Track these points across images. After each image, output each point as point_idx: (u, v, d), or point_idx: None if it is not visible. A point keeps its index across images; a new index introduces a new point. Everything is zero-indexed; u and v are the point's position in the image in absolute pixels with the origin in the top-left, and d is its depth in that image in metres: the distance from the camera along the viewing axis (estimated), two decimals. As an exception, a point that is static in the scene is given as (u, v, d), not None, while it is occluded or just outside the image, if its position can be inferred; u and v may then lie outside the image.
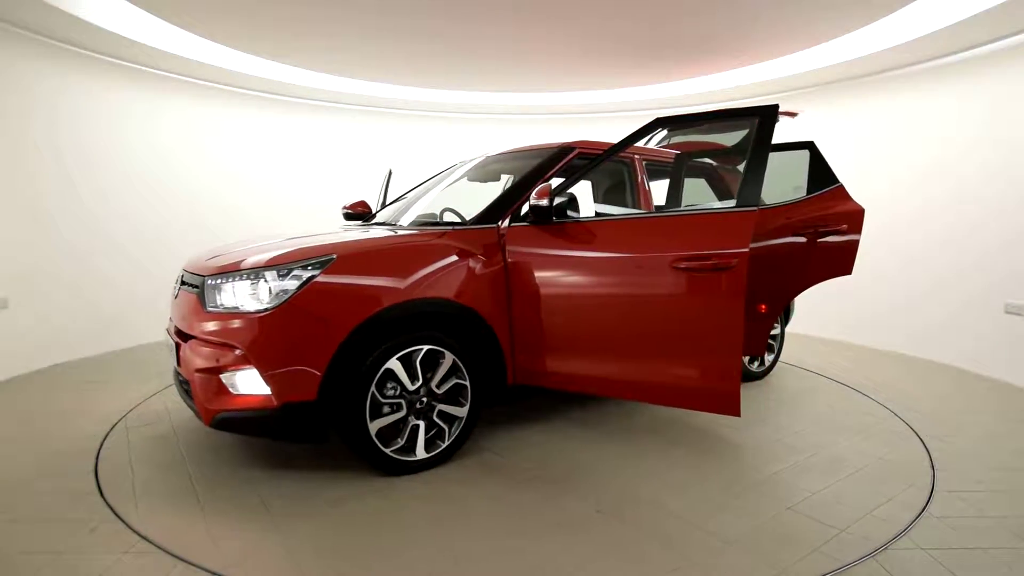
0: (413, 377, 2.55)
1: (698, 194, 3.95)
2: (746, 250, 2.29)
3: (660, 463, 2.76)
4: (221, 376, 2.33)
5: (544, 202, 2.63)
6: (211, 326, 2.39)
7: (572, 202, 3.45)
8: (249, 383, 2.31)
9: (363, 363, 2.40)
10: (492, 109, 7.32)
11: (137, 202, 5.38)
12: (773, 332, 4.25)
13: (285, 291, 2.30)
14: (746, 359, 4.03)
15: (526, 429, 3.20)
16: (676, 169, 3.46)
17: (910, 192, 5.25)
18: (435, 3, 4.11)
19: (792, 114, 3.82)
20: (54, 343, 4.58)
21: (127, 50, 4.96)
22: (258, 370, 2.27)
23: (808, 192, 3.67)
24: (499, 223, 2.83)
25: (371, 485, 2.50)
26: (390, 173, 4.46)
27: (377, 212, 3.90)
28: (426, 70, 5.98)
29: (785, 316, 4.44)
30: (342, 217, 3.95)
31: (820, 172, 3.67)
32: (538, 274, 2.73)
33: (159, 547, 2.02)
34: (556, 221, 2.69)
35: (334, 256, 2.41)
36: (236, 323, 2.33)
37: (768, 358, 4.28)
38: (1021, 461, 2.84)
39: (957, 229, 4.86)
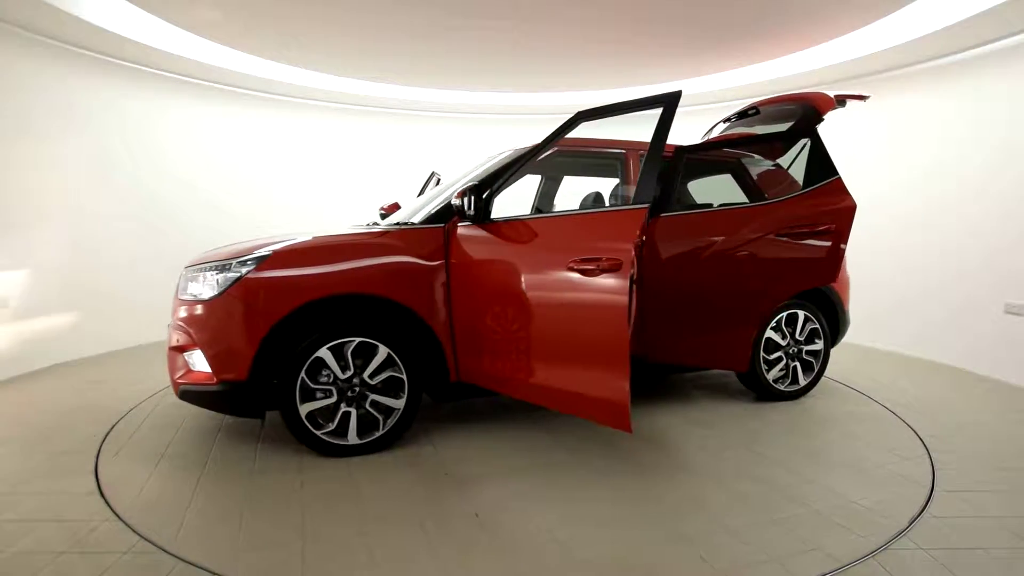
0: (344, 367, 2.68)
1: (723, 190, 3.70)
2: (630, 250, 2.25)
3: (591, 474, 2.61)
4: (184, 354, 2.71)
5: (458, 202, 2.68)
6: (180, 312, 2.75)
7: (598, 198, 3.33)
8: (199, 361, 2.65)
9: (293, 350, 2.62)
10: (506, 110, 7.33)
11: (136, 201, 5.38)
12: (814, 348, 3.69)
13: (225, 283, 2.60)
14: (771, 377, 3.60)
15: (487, 427, 3.18)
16: (675, 165, 3.39)
17: (910, 192, 5.25)
18: (436, 1, 4.11)
19: (863, 97, 3.52)
20: (54, 343, 4.58)
21: (128, 50, 4.96)
22: (200, 350, 2.61)
23: (804, 185, 3.45)
24: (446, 223, 2.86)
25: (300, 462, 2.68)
26: (432, 175, 4.51)
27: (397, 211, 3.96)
28: (427, 70, 5.98)
29: (834, 333, 3.83)
30: (378, 216, 4.07)
31: (819, 163, 3.43)
32: (471, 274, 2.77)
33: (102, 496, 2.37)
34: (472, 222, 2.74)
35: (268, 252, 2.62)
36: (191, 310, 2.69)
37: (804, 377, 3.71)
38: (1021, 461, 2.84)
39: (957, 229, 4.86)
